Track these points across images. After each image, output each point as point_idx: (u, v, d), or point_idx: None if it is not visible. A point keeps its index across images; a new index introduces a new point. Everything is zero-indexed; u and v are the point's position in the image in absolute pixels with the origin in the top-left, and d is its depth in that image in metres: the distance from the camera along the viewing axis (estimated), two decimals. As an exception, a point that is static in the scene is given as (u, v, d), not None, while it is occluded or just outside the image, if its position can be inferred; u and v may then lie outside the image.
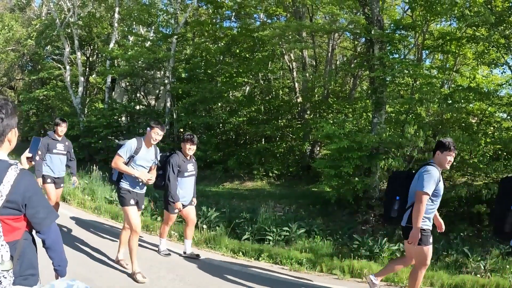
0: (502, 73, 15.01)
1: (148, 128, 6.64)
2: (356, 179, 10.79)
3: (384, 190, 11.69)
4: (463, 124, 13.11)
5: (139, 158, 6.45)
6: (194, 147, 7.33)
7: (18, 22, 27.05)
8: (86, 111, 22.05)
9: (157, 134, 6.54)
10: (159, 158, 6.93)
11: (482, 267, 7.49)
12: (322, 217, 10.95)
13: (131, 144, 6.46)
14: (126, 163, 6.40)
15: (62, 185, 8.74)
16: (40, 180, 7.98)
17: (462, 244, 8.83)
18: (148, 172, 6.66)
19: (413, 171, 5.76)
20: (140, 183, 6.53)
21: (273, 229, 8.84)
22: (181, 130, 20.93)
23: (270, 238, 8.64)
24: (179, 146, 7.36)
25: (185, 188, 7.28)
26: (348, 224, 10.54)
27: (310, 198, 13.02)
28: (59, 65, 24.10)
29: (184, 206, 7.28)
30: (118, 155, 6.41)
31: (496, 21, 11.20)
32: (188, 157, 7.33)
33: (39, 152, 6.92)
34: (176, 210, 7.26)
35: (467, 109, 13.23)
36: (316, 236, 8.93)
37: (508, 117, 13.95)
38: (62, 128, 8.38)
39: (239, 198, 13.67)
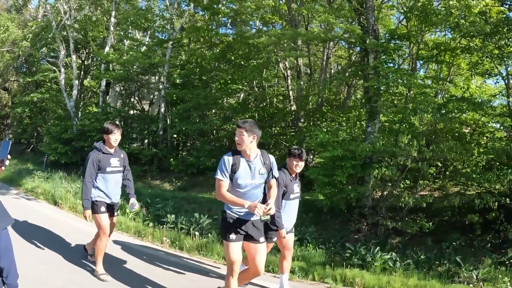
0: (495, 83, 15.11)
1: (237, 129, 5.08)
2: (349, 187, 10.79)
3: (378, 199, 11.74)
4: (457, 134, 13.14)
5: (240, 176, 5.02)
6: (302, 164, 6.23)
7: (14, 23, 26.98)
8: (80, 115, 21.95)
9: (241, 134, 5.02)
10: (275, 166, 5.34)
11: (475, 277, 7.49)
12: (314, 225, 10.94)
13: (223, 159, 5.08)
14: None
15: (116, 212, 6.95)
16: (87, 212, 6.29)
17: (455, 253, 8.86)
18: (264, 192, 5.30)
19: None
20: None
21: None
22: (175, 136, 20.90)
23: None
24: (173, 152, 6.99)
25: (288, 213, 6.17)
26: (341, 232, 10.54)
27: (303, 206, 12.86)
28: (54, 68, 24.01)
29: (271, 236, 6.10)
30: (218, 179, 5.03)
31: (491, 31, 11.28)
32: (294, 176, 6.29)
33: (87, 174, 6.27)
34: (275, 239, 6.12)
35: (461, 119, 13.27)
36: (308, 244, 8.93)
37: (501, 128, 14.02)
38: (116, 136, 6.49)
39: (232, 205, 13.62)
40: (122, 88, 24.05)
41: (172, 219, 9.69)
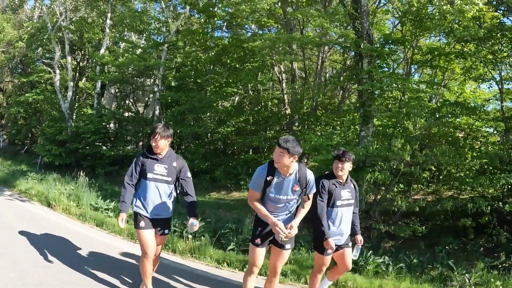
0: (489, 88, 15.17)
1: (277, 148, 4.86)
2: (343, 191, 10.78)
3: (371, 203, 11.76)
4: (450, 139, 13.19)
5: (273, 191, 4.95)
6: (345, 166, 5.67)
7: (10, 23, 26.94)
8: (74, 117, 21.90)
9: (282, 155, 4.81)
10: (311, 186, 5.10)
11: (467, 281, 7.50)
12: (307, 229, 10.92)
13: (257, 173, 5.05)
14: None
15: (166, 231, 5.99)
16: (122, 215, 5.65)
17: (447, 257, 8.88)
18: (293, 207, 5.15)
19: None
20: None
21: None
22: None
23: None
24: None
25: (337, 222, 5.69)
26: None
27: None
28: (49, 69, 23.98)
29: (338, 247, 5.72)
30: (250, 189, 5.08)
31: (484, 36, 11.34)
32: (343, 180, 5.80)
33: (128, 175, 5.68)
34: (330, 251, 5.55)
35: (454, 123, 13.32)
36: (301, 247, 8.91)
37: (495, 132, 14.07)
38: (156, 142, 5.61)
39: (225, 208, 13.64)
40: (117, 90, 24.06)
41: (165, 222, 9.67)
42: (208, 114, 20.35)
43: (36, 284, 5.92)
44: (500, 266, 8.46)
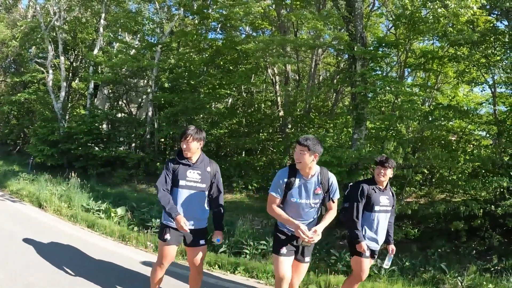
0: (482, 91, 15.24)
1: (298, 146, 4.72)
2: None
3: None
4: (443, 142, 13.23)
5: (294, 194, 4.82)
6: (387, 172, 5.56)
7: (3, 22, 26.83)
8: (67, 117, 21.79)
9: (302, 153, 4.69)
10: (334, 189, 4.98)
11: (460, 283, 7.51)
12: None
13: (278, 176, 4.90)
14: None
15: (202, 241, 5.37)
16: (180, 219, 4.91)
17: (440, 260, 8.87)
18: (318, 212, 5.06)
19: None
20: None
21: (250, 242, 8.78)
22: (162, 140, 20.82)
23: (247, 251, 8.57)
24: (160, 156, 6.43)
25: (374, 227, 5.60)
26: (326, 239, 10.49)
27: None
28: (42, 69, 23.89)
29: (371, 253, 5.61)
30: (271, 195, 4.91)
31: (478, 40, 11.39)
32: (383, 187, 5.68)
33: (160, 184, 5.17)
34: (367, 254, 5.46)
35: (447, 126, 13.37)
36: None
37: (487, 135, 14.13)
38: (187, 145, 5.17)
39: (218, 210, 13.58)
40: (110, 91, 23.96)
41: (157, 224, 9.62)
42: (201, 115, 20.30)
43: (27, 285, 5.87)
44: (492, 269, 8.48)
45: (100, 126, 20.66)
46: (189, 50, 20.96)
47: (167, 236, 5.12)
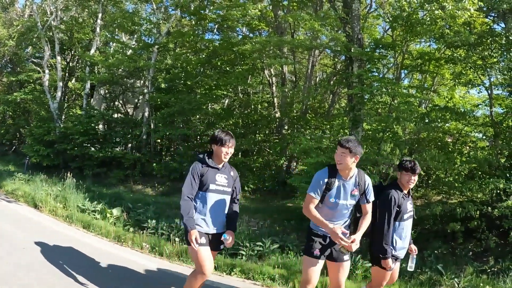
0: (478, 93, 15.28)
1: (339, 148, 4.76)
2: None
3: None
4: (439, 143, 13.24)
5: (333, 195, 4.80)
6: (416, 179, 5.43)
7: (0, 21, 26.74)
8: (63, 117, 21.72)
9: (344, 155, 4.72)
10: (370, 191, 5.00)
11: (456, 285, 7.53)
12: (296, 233, 10.90)
13: (319, 176, 4.87)
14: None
15: (222, 246, 5.37)
16: (193, 233, 4.86)
17: (436, 261, 8.90)
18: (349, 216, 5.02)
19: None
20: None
21: (247, 243, 8.77)
22: (158, 140, 20.77)
23: (243, 252, 8.56)
24: (156, 157, 6.27)
25: (403, 236, 5.41)
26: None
27: (285, 214, 12.96)
28: (38, 69, 23.82)
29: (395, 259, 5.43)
30: (309, 195, 4.85)
31: (475, 42, 11.41)
32: (407, 192, 5.49)
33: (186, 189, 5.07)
34: (393, 265, 5.24)
35: (444, 128, 13.40)
36: (290, 251, 8.88)
37: (484, 137, 14.16)
38: (229, 149, 5.22)
39: (214, 211, 13.56)
40: (106, 91, 23.92)
41: (153, 225, 9.62)
42: (198, 116, 20.28)
43: (21, 286, 5.84)
44: (489, 270, 8.51)
45: (96, 127, 20.61)
46: (185, 50, 20.93)
47: (203, 240, 5.02)
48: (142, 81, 22.41)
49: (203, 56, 19.68)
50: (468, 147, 14.14)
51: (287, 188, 15.53)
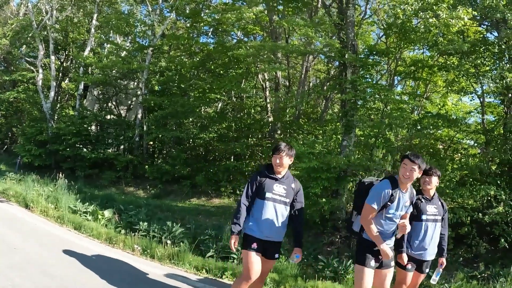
0: (471, 101, 15.38)
1: (409, 163, 4.83)
2: (324, 200, 10.79)
3: (351, 212, 11.78)
4: (431, 150, 13.32)
5: (393, 207, 4.90)
6: (434, 180, 5.62)
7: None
8: (56, 117, 21.66)
9: (413, 170, 4.81)
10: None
11: (447, 291, 7.55)
12: (287, 237, 10.90)
13: (382, 188, 4.92)
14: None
15: (277, 255, 5.57)
16: (233, 238, 5.23)
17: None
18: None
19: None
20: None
21: (238, 247, 8.77)
22: (151, 143, 20.76)
23: (235, 256, 8.55)
24: (148, 159, 6.42)
25: (421, 236, 5.53)
26: (314, 245, 10.52)
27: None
28: (32, 68, 23.73)
29: (418, 264, 5.59)
30: (370, 206, 4.92)
31: (468, 50, 11.50)
32: (429, 196, 5.67)
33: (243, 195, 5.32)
34: (409, 267, 5.43)
35: (436, 135, 13.49)
36: (280, 256, 8.88)
37: (475, 144, 14.24)
38: (280, 160, 5.33)
39: (205, 214, 13.57)
40: (100, 92, 23.90)
41: (145, 227, 9.58)
42: (191, 119, 20.30)
43: (11, 287, 5.81)
44: (479, 276, 8.54)
45: (89, 128, 20.61)
46: (180, 53, 20.96)
47: (255, 245, 5.18)
48: (135, 83, 22.42)
49: (198, 59, 19.71)
50: (459, 154, 14.20)
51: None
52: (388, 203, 4.81)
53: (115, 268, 7.31)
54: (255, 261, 5.16)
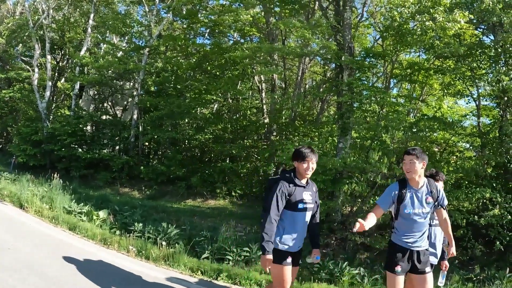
0: (467, 104, 15.41)
1: (407, 157, 4.87)
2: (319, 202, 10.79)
3: (347, 214, 11.79)
4: (427, 153, 13.28)
5: (407, 205, 4.84)
6: (440, 185, 5.50)
7: (-10, 19, 26.65)
8: (51, 117, 21.57)
9: (412, 162, 4.81)
10: (442, 196, 5.04)
11: (442, 293, 7.54)
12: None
13: (390, 189, 4.95)
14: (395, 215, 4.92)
15: (300, 261, 5.47)
16: (268, 257, 4.79)
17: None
18: None
19: None
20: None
21: (234, 249, 8.74)
22: (146, 143, 20.71)
23: (230, 258, 8.54)
24: (143, 160, 6.42)
25: (430, 244, 5.38)
26: (309, 246, 10.51)
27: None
28: (28, 67, 23.66)
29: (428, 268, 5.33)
30: (376, 204, 5.02)
31: (464, 53, 11.54)
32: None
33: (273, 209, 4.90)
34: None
35: (431, 138, 13.52)
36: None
37: (471, 147, 14.29)
38: (313, 164, 5.15)
39: (200, 216, 13.55)
40: (95, 92, 23.82)
41: (140, 228, 9.55)
42: (187, 120, 20.26)
43: None
44: (474, 278, 8.57)
45: (85, 128, 20.53)
46: (176, 54, 20.93)
47: (289, 260, 5.00)
48: (131, 84, 22.37)
49: (194, 60, 19.70)
50: (455, 157, 14.26)
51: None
52: (399, 203, 4.81)
53: (109, 269, 7.28)
54: (290, 275, 5.07)
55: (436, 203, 4.93)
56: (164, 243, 8.74)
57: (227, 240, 9.08)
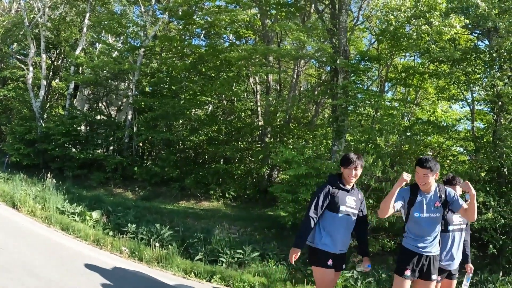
0: (461, 108, 15.47)
1: (420, 170, 4.90)
2: (313, 204, 10.80)
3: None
4: (421, 156, 13.37)
5: (416, 209, 4.95)
6: (458, 190, 5.61)
7: (-15, 16, 26.48)
8: (45, 116, 21.46)
9: (426, 176, 4.86)
10: (454, 198, 5.03)
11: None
12: (277, 241, 10.89)
13: (400, 192, 4.96)
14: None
15: (343, 265, 5.60)
16: (295, 251, 5.23)
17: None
18: None
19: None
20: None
21: (227, 251, 8.74)
22: (140, 144, 20.65)
23: (223, 259, 8.53)
24: (137, 161, 6.37)
25: (448, 247, 5.44)
26: (302, 249, 10.52)
27: (265, 222, 12.97)
28: (22, 66, 23.55)
29: (447, 274, 5.57)
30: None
31: (459, 58, 11.58)
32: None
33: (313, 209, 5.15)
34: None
35: (425, 141, 13.54)
36: (270, 260, 8.87)
37: (464, 151, 14.33)
38: (358, 171, 5.28)
39: (194, 217, 13.52)
40: (90, 92, 23.76)
41: (133, 229, 9.53)
42: (181, 121, 20.24)
43: (-2, 288, 5.75)
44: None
45: (79, 128, 20.44)
46: (172, 55, 20.91)
47: (330, 262, 5.10)
48: (126, 84, 22.32)
49: (189, 61, 19.68)
50: (449, 161, 14.29)
51: (268, 197, 15.55)
52: (409, 207, 4.92)
53: (102, 270, 7.25)
54: (332, 279, 5.19)
55: (447, 209, 5.01)
56: (157, 244, 8.73)
57: (220, 242, 9.08)
